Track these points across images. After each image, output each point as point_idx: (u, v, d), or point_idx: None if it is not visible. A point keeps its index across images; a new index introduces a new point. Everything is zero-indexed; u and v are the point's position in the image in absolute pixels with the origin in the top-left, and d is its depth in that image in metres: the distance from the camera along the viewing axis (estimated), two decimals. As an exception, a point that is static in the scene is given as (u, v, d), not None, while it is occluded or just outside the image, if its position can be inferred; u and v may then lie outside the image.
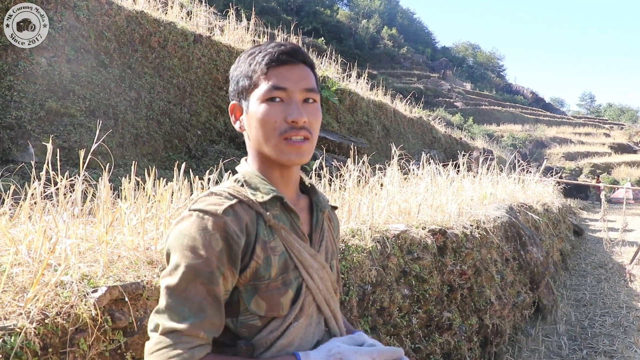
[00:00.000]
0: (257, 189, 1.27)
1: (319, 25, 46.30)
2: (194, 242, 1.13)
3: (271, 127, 1.24)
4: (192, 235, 1.13)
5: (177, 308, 1.11)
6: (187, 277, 1.12)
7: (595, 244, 12.95)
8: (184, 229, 1.15)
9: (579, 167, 38.19)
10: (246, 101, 1.29)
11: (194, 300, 1.12)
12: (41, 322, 1.49)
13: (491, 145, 29.14)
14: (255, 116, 1.26)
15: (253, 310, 1.20)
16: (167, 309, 1.12)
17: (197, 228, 1.14)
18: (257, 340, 1.21)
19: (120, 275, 1.84)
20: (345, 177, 4.37)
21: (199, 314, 1.12)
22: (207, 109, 8.47)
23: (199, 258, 1.12)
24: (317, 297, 1.31)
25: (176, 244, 1.15)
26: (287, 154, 1.25)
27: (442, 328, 3.87)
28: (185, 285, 1.12)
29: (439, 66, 59.20)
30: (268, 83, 1.25)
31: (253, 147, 1.32)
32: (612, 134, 51.93)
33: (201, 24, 9.45)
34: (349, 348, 1.22)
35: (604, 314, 6.62)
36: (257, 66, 1.27)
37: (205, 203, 1.18)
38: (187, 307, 1.11)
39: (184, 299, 1.12)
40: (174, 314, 1.11)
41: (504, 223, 5.61)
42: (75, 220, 2.30)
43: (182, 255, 1.13)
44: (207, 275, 1.13)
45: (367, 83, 15.38)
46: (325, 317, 1.34)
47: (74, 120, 5.94)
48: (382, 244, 3.48)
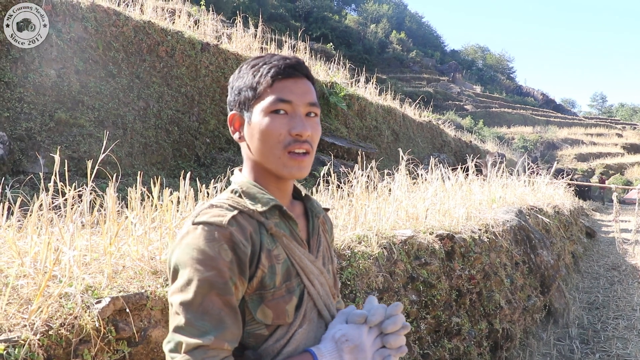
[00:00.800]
0: (256, 199, 1.27)
1: (327, 31, 46.41)
2: (203, 255, 1.12)
3: (275, 139, 1.25)
4: (200, 248, 1.13)
5: (197, 323, 1.10)
6: (202, 291, 1.11)
7: (608, 245, 12.83)
8: (191, 242, 1.14)
9: (592, 168, 37.85)
10: (248, 112, 1.29)
11: (212, 313, 1.11)
12: (45, 334, 1.51)
13: (502, 148, 29.00)
14: (259, 128, 1.26)
15: (259, 319, 1.20)
16: (187, 325, 1.10)
17: (204, 240, 1.13)
18: (264, 349, 1.21)
19: (125, 286, 1.85)
20: (353, 183, 4.37)
21: (219, 326, 1.11)
22: (215, 117, 8.52)
23: (211, 270, 1.12)
24: (318, 302, 1.32)
25: (185, 258, 1.13)
26: (289, 168, 1.26)
27: (451, 333, 3.86)
28: (202, 299, 1.11)
29: (449, 69, 59.05)
30: (273, 95, 1.25)
31: (252, 159, 1.32)
32: (625, 134, 51.45)
33: (208, 32, 9.52)
34: (349, 326, 1.24)
35: (617, 317, 6.55)
36: (262, 78, 1.27)
37: (209, 215, 1.18)
38: (207, 321, 1.10)
39: (202, 312, 1.10)
40: (195, 330, 1.09)
41: (513, 226, 5.58)
42: (82, 231, 2.32)
43: (193, 270, 1.12)
44: (221, 286, 1.12)
45: (375, 88, 15.39)
46: (325, 322, 1.34)
47: (83, 130, 6.00)
48: (389, 250, 3.48)
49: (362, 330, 1.23)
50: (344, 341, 1.21)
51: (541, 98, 71.02)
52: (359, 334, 1.22)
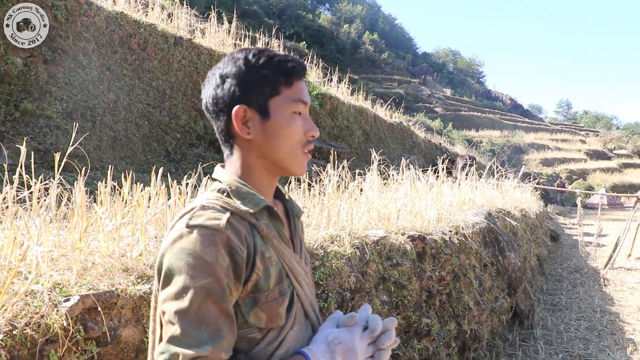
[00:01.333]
0: (246, 199, 1.22)
1: (300, 30, 46.32)
2: (200, 261, 1.07)
3: (296, 140, 1.26)
4: (197, 254, 1.08)
5: (194, 333, 1.05)
6: (198, 299, 1.06)
7: (571, 248, 13.13)
8: (186, 247, 1.09)
9: (556, 173, 38.76)
10: (263, 107, 1.24)
11: (209, 322, 1.06)
12: (9, 334, 1.44)
13: (470, 151, 29.41)
14: (284, 127, 1.24)
15: (252, 322, 1.17)
16: (183, 335, 1.04)
17: (201, 245, 1.08)
18: (255, 352, 1.18)
19: (94, 284, 1.79)
20: (325, 182, 4.35)
21: (216, 335, 1.06)
22: (186, 112, 8.40)
23: (208, 276, 1.07)
24: (305, 303, 1.31)
25: (180, 264, 1.08)
26: (302, 168, 1.29)
27: (420, 334, 3.87)
28: (198, 308, 1.06)
29: (420, 72, 59.58)
30: (294, 95, 1.25)
31: (256, 156, 1.27)
32: (588, 140, 52.83)
33: (182, 26, 9.38)
34: (341, 330, 1.23)
35: (579, 318, 6.71)
36: (281, 76, 1.24)
37: (204, 218, 1.12)
38: (204, 330, 1.05)
39: (198, 322, 1.05)
40: (192, 340, 1.04)
41: (483, 229, 5.64)
42: (49, 225, 2.24)
43: (189, 276, 1.07)
44: (218, 294, 1.08)
45: (348, 88, 15.42)
46: (312, 323, 1.33)
47: (50, 122, 5.84)
48: (361, 250, 3.47)
49: (354, 334, 1.22)
50: (337, 343, 1.20)
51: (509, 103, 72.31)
52: (352, 338, 1.21)
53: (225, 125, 1.27)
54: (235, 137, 1.27)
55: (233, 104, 1.24)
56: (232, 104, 1.24)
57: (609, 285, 8.69)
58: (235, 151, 1.28)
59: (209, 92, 1.27)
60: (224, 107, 1.25)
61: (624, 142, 52.46)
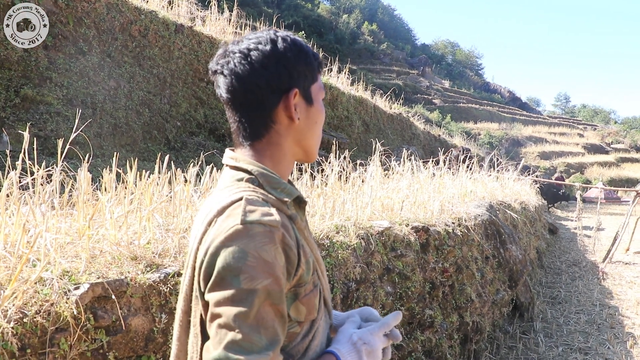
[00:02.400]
0: (278, 189, 1.17)
1: (299, 19, 46.02)
2: (260, 261, 1.02)
3: (321, 126, 1.28)
4: (256, 253, 1.02)
5: (254, 337, 0.99)
6: (258, 301, 1.01)
7: (569, 242, 13.16)
8: (244, 246, 1.03)
9: (554, 167, 38.78)
10: (307, 93, 1.22)
11: (267, 326, 1.01)
12: (19, 322, 1.41)
13: (469, 143, 29.37)
14: (321, 113, 1.27)
15: (294, 317, 1.13)
16: (245, 341, 0.99)
17: (260, 244, 1.03)
18: (293, 348, 1.15)
19: (103, 272, 1.77)
20: (327, 172, 4.32)
21: (275, 339, 1.02)
22: (187, 100, 8.34)
23: (269, 277, 1.02)
24: (326, 293, 1.28)
25: (239, 264, 1.01)
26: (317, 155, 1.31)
27: (424, 325, 3.86)
28: (257, 310, 1.01)
29: (418, 63, 59.33)
30: (321, 83, 1.28)
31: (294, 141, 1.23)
32: (586, 134, 52.81)
33: (182, 13, 9.30)
34: (364, 331, 1.24)
35: (578, 312, 6.72)
36: (314, 62, 1.24)
37: (259, 213, 1.06)
38: (264, 335, 1.00)
39: (257, 325, 1.00)
40: (253, 345, 0.99)
41: (485, 221, 5.63)
42: (54, 212, 2.21)
43: (249, 277, 1.01)
44: (277, 295, 1.04)
45: (347, 78, 15.34)
46: (328, 310, 1.31)
47: (50, 108, 5.78)
48: (366, 241, 3.45)
49: (375, 337, 1.24)
50: (362, 344, 1.21)
51: (508, 95, 72.16)
52: (375, 340, 1.23)
53: (271, 108, 1.18)
54: (277, 121, 1.19)
55: (285, 86, 1.17)
56: (284, 86, 1.17)
57: (608, 279, 8.72)
58: (272, 137, 1.20)
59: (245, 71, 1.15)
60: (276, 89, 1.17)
61: (622, 137, 52.51)
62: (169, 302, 1.83)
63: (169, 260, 2.04)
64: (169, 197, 2.61)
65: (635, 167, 38.84)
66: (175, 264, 2.01)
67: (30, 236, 1.82)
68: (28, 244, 1.69)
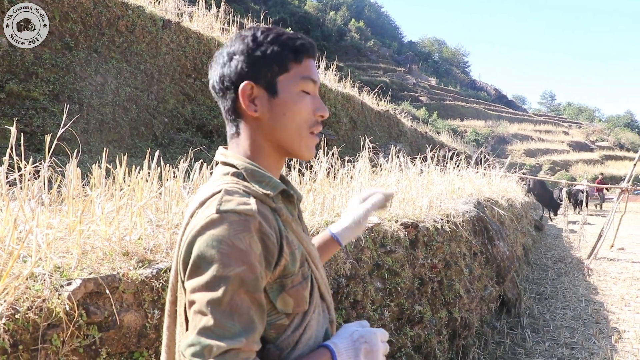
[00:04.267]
0: (263, 182, 1.18)
1: (286, 16, 45.91)
2: (234, 249, 1.03)
3: (304, 119, 1.21)
4: (230, 241, 1.03)
5: (227, 324, 1.01)
6: (232, 288, 1.02)
7: (555, 238, 13.30)
8: (219, 234, 1.04)
9: (539, 164, 39.16)
10: (271, 84, 1.20)
11: (242, 312, 1.02)
12: (11, 318, 1.40)
13: (455, 140, 29.54)
14: (292, 105, 1.20)
15: (281, 309, 1.14)
16: (217, 326, 1.00)
17: (234, 232, 1.04)
18: (283, 340, 1.15)
19: (95, 267, 1.75)
20: (315, 168, 4.32)
21: (249, 326, 1.03)
22: (174, 97, 8.29)
23: (243, 265, 1.03)
24: (322, 286, 1.29)
25: (212, 252, 1.03)
26: (310, 150, 1.23)
27: (413, 321, 3.88)
28: (230, 297, 1.02)
29: (405, 60, 59.48)
30: (303, 73, 1.21)
31: (262, 136, 1.23)
32: (571, 132, 53.38)
33: (170, 9, 9.25)
34: (367, 330, 1.22)
35: (564, 307, 6.80)
36: (290, 52, 1.20)
37: (235, 203, 1.08)
38: (237, 322, 1.01)
39: (231, 312, 1.02)
40: (225, 331, 1.00)
41: (473, 217, 5.66)
42: (44, 208, 2.19)
43: (222, 265, 1.02)
44: (252, 283, 1.04)
45: (335, 75, 15.36)
46: (327, 305, 1.32)
47: (36, 104, 5.72)
48: (356, 237, 3.45)
49: (377, 338, 1.22)
50: (363, 342, 1.19)
51: (494, 93, 72.65)
52: (377, 341, 1.21)
53: (232, 103, 1.22)
54: (242, 115, 1.22)
55: (240, 80, 1.20)
56: (239, 80, 1.20)
57: (593, 275, 8.82)
58: (242, 131, 1.23)
59: (216, 71, 1.23)
60: (230, 85, 1.20)
61: (606, 135, 53.18)
62: (162, 297, 1.82)
63: (161, 255, 2.03)
64: (159, 192, 2.59)
65: (619, 165, 39.37)
66: (167, 260, 2.00)
67: (20, 232, 1.80)
68: (19, 240, 1.67)
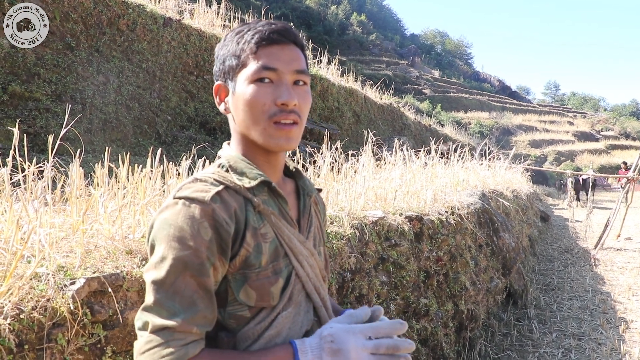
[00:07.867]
0: (244, 174, 1.20)
1: (288, 11, 45.77)
2: (181, 232, 1.06)
3: (260, 109, 1.17)
4: (178, 225, 1.06)
5: (167, 303, 1.04)
6: (175, 270, 1.04)
7: (561, 229, 13.26)
8: (169, 218, 1.07)
9: (544, 155, 39.01)
10: (232, 82, 1.21)
11: (184, 295, 1.05)
12: (16, 318, 1.40)
13: (459, 132, 29.43)
14: (243, 97, 1.18)
15: (242, 300, 1.14)
16: (156, 305, 1.04)
17: (184, 217, 1.07)
18: (244, 331, 1.15)
19: (98, 266, 1.76)
20: (319, 163, 4.32)
21: (190, 308, 1.05)
22: (177, 94, 8.29)
23: (188, 249, 1.05)
24: (307, 285, 1.25)
25: (161, 234, 1.07)
26: (276, 139, 1.18)
27: (419, 314, 3.88)
28: (174, 279, 1.04)
29: (408, 53, 59.25)
30: (257, 63, 1.17)
31: (238, 131, 1.25)
32: (576, 122, 53.13)
33: (170, 6, 9.23)
34: (341, 327, 1.14)
35: (571, 298, 6.78)
36: (246, 45, 1.18)
37: (191, 190, 1.11)
38: (177, 302, 1.04)
39: (173, 293, 1.04)
40: (164, 310, 1.03)
41: (477, 209, 5.65)
42: (47, 208, 2.19)
43: (168, 247, 1.05)
44: (197, 267, 1.05)
45: (337, 69, 15.31)
46: (315, 306, 1.28)
47: (39, 104, 5.73)
48: (361, 231, 3.45)
49: (350, 335, 1.12)
50: (329, 341, 1.11)
51: (497, 84, 72.30)
52: (347, 339, 1.11)
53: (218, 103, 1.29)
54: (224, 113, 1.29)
55: (216, 81, 1.27)
56: (215, 81, 1.27)
57: (600, 265, 8.79)
58: (230, 127, 1.30)
59: None
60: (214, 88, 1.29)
61: (611, 124, 52.88)
62: (166, 295, 1.83)
63: (164, 253, 2.03)
64: (162, 190, 2.60)
65: (625, 154, 39.13)
66: (170, 258, 2.00)
67: (24, 232, 1.81)
68: (22, 240, 1.68)
